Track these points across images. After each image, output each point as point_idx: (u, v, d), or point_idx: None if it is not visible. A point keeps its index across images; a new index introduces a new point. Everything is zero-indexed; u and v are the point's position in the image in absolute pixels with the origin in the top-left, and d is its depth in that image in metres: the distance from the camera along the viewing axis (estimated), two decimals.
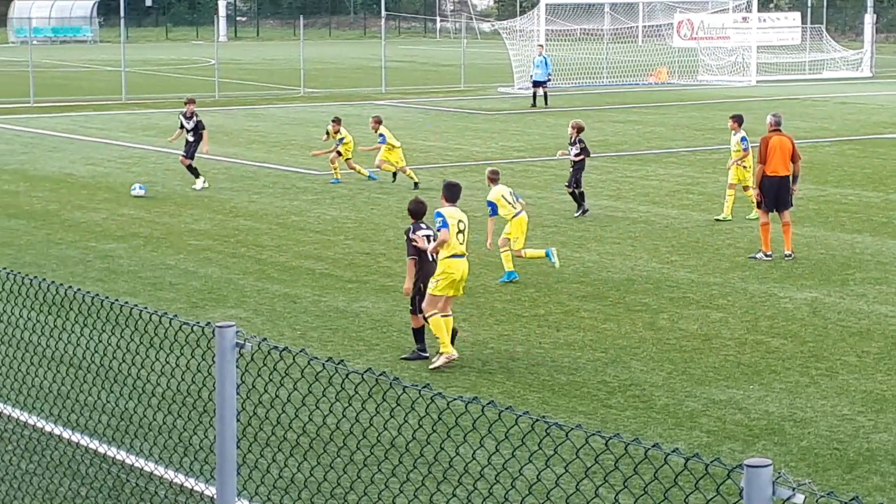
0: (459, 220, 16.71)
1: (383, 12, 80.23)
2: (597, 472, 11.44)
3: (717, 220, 26.44)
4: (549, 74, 54.80)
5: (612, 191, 31.06)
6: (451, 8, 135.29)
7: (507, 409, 6.72)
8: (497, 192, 21.04)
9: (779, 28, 77.69)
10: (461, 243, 16.66)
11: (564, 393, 15.36)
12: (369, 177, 32.09)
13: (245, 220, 26.91)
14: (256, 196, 29.94)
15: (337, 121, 32.26)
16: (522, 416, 6.53)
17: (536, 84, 53.97)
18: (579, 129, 27.31)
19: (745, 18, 71.30)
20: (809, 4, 79.04)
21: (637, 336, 17.97)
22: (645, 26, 75.96)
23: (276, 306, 19.62)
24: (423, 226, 16.91)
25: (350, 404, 9.52)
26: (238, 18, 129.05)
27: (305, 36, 65.97)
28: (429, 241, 16.72)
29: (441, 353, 16.37)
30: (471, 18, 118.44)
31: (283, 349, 7.83)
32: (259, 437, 12.46)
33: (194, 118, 31.01)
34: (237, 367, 6.90)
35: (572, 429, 6.49)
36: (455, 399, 7.49)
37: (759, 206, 23.26)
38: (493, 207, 20.96)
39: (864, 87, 63.59)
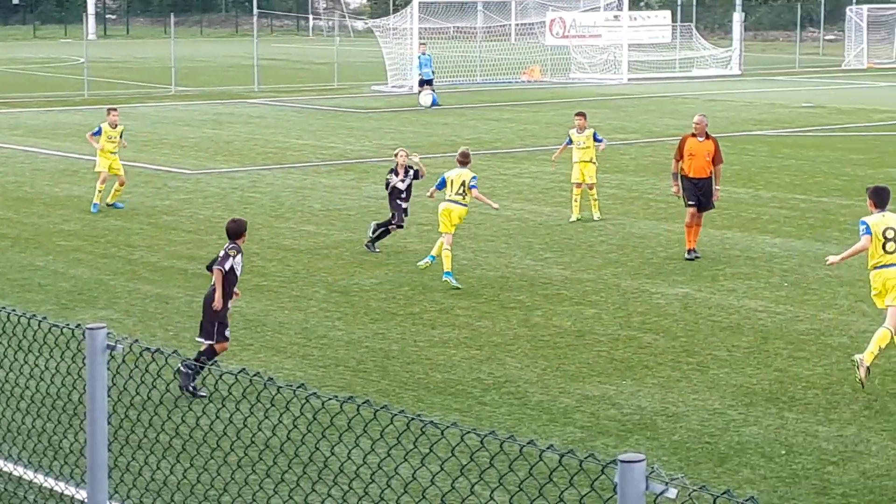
0: (887, 228, 15.08)
1: (255, 10, 79.67)
2: (472, 469, 11.46)
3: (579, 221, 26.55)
4: (433, 72, 54.95)
5: (486, 188, 31.09)
6: (324, 6, 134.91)
7: (382, 408, 6.71)
8: (451, 174, 21.14)
9: (649, 26, 78.41)
10: (889, 252, 15.00)
11: (440, 391, 15.38)
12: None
13: (116, 220, 26.58)
14: (127, 196, 29.56)
15: None
16: (398, 414, 6.52)
17: (424, 83, 53.87)
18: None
19: (616, 17, 71.95)
20: (679, 3, 79.87)
21: (511, 333, 18.04)
22: (518, 24, 76.28)
23: (147, 307, 19.40)
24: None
25: (224, 405, 9.43)
26: (108, 16, 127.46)
27: (176, 34, 65.31)
28: (231, 273, 15.11)
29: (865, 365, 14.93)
30: (343, 16, 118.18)
31: (156, 350, 7.74)
32: (131, 439, 12.31)
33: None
34: (108, 368, 6.79)
35: (448, 427, 6.49)
36: (330, 399, 7.46)
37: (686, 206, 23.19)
38: (442, 182, 21.18)
39: (732, 84, 64.40)
